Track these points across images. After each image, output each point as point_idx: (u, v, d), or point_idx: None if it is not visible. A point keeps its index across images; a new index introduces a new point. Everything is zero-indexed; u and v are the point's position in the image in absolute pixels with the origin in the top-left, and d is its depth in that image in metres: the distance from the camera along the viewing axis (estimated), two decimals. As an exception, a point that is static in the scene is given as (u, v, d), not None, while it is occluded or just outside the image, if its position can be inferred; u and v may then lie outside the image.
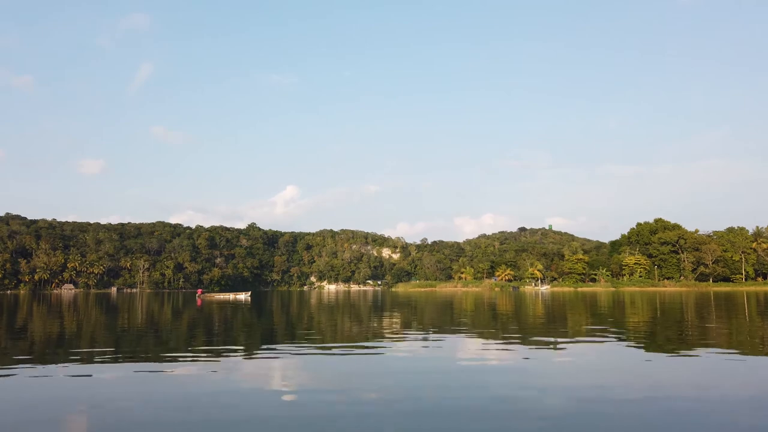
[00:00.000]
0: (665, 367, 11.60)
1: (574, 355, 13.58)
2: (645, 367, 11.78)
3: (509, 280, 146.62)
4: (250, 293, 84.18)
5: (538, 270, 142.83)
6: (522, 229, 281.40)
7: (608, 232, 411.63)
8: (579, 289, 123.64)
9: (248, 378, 10.66)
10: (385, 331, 20.71)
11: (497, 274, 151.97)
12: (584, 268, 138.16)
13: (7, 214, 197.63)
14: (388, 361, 12.83)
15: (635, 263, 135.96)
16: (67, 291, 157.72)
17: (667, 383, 9.72)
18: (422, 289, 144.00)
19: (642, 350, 14.42)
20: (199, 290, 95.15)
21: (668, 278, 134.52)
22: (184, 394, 9.00)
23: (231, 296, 70.99)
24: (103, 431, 6.92)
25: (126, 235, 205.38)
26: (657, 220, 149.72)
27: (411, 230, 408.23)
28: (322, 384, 9.89)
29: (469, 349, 14.74)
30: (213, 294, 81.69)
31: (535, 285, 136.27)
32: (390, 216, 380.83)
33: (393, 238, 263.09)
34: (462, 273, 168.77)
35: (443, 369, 11.50)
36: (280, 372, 11.29)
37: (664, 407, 7.85)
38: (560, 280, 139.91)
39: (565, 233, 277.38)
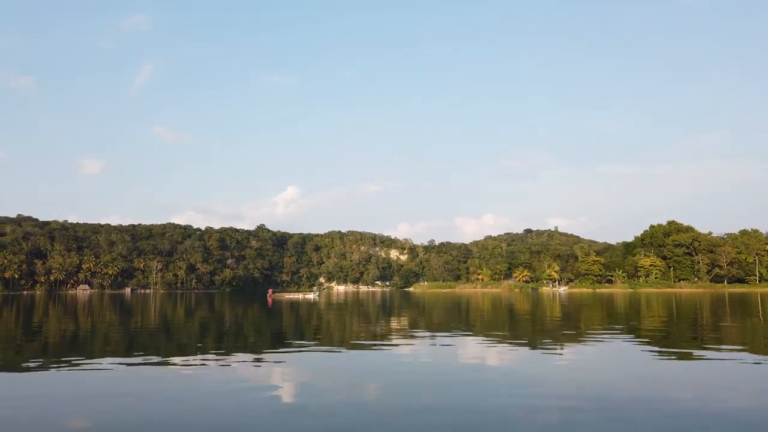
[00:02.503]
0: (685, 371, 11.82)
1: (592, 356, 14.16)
2: (654, 369, 11.99)
3: (526, 281, 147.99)
4: (318, 293, 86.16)
5: (555, 271, 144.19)
6: (528, 231, 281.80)
7: (609, 233, 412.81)
8: (597, 290, 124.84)
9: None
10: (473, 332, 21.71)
11: (515, 275, 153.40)
12: (600, 270, 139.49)
13: (19, 215, 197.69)
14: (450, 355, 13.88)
15: (650, 265, 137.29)
16: (83, 291, 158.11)
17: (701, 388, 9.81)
18: (442, 290, 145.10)
19: (657, 352, 14.66)
20: (270, 290, 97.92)
21: (683, 280, 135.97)
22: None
23: (300, 296, 72.41)
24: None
25: (138, 237, 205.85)
26: (670, 223, 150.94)
27: (412, 230, 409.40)
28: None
29: (505, 349, 15.40)
30: (283, 294, 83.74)
31: (553, 286, 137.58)
32: (391, 216, 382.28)
33: (401, 239, 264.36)
34: (479, 274, 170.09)
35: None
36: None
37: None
38: (576, 281, 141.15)
39: (572, 235, 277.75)
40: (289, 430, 7.21)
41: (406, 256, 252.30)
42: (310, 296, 71.52)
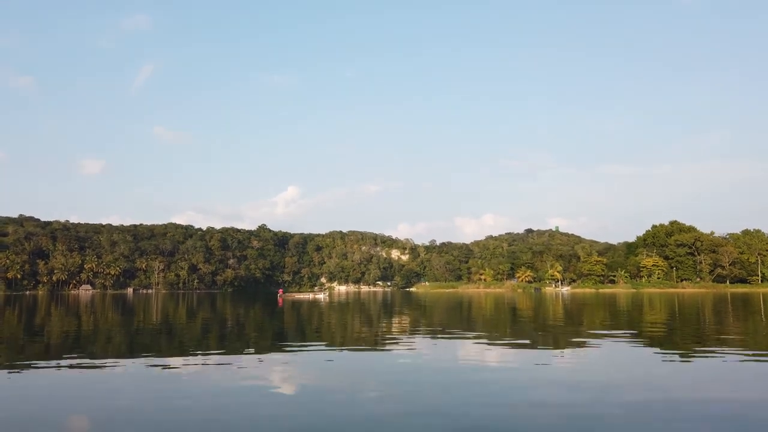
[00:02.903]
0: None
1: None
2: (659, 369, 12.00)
3: (529, 282, 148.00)
4: (327, 293, 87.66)
5: (558, 271, 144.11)
6: (529, 231, 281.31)
7: (609, 233, 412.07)
8: (600, 290, 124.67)
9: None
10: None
11: (517, 275, 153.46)
12: (603, 270, 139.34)
13: (21, 215, 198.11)
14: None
15: (653, 265, 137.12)
16: (85, 292, 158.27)
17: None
18: (444, 290, 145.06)
19: (660, 352, 14.68)
20: (280, 290, 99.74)
21: (685, 280, 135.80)
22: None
23: (310, 296, 73.66)
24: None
25: (139, 237, 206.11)
26: (672, 222, 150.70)
27: (412, 230, 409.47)
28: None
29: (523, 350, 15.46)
30: (293, 294, 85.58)
31: (556, 286, 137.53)
32: (391, 216, 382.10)
33: (402, 239, 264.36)
34: (481, 274, 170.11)
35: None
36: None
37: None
38: (579, 281, 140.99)
39: (573, 235, 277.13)
40: (290, 430, 7.17)
41: (407, 256, 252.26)
42: (320, 296, 72.82)
